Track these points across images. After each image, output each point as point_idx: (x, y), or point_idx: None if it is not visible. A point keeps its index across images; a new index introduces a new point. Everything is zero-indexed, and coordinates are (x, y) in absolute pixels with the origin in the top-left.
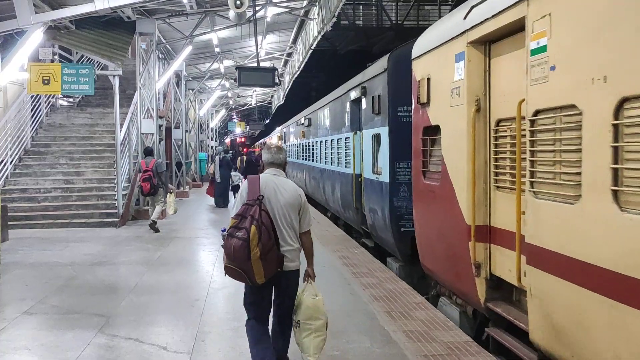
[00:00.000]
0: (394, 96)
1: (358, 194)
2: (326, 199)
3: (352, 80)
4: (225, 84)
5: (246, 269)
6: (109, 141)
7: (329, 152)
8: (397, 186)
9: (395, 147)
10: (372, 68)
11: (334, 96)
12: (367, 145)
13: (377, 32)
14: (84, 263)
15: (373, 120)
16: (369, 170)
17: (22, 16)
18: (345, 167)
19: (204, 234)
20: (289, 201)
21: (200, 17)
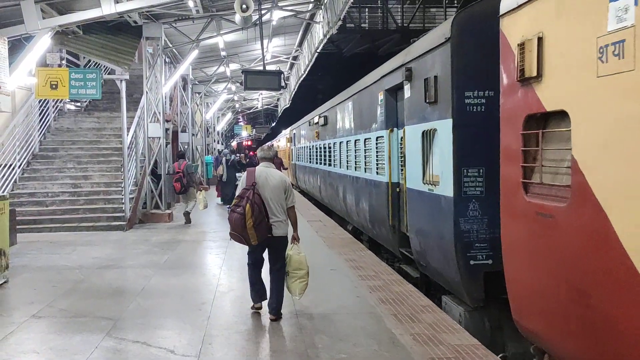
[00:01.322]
0: (462, 77)
1: (396, 208)
2: (347, 210)
3: (387, 63)
4: (231, 87)
5: (244, 234)
6: (116, 145)
7: (352, 155)
8: (465, 202)
9: (463, 147)
10: (422, 41)
11: (360, 87)
12: (412, 145)
13: (383, 34)
14: (92, 266)
15: (424, 111)
16: (416, 179)
17: (29, 21)
18: (376, 174)
19: (210, 237)
20: (277, 185)
21: (207, 21)
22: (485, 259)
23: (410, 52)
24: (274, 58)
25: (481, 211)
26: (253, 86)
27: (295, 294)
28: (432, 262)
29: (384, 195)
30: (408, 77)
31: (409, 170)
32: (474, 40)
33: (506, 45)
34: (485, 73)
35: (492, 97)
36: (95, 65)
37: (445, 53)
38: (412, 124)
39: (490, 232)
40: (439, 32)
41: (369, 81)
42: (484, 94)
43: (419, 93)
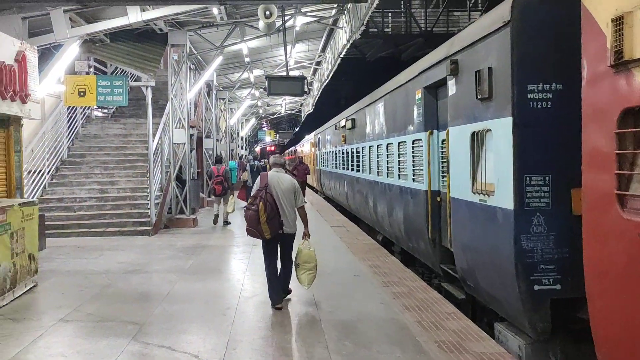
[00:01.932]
0: (524, 67)
1: (436, 219)
2: (378, 220)
3: (427, 58)
4: (255, 93)
5: (258, 229)
6: (142, 151)
7: (384, 161)
8: (527, 216)
9: (525, 150)
10: (472, 28)
11: (393, 85)
12: (458, 149)
13: (406, 39)
14: (118, 271)
15: (474, 110)
16: (464, 188)
17: (58, 30)
18: (412, 181)
19: (234, 242)
20: (287, 187)
21: (231, 28)
22: (552, 283)
23: (456, 42)
24: (297, 64)
25: (547, 226)
26: (276, 92)
27: (304, 284)
28: (484, 283)
29: (422, 205)
30: (454, 71)
31: (454, 178)
32: (539, 23)
33: (591, 24)
34: (552, 62)
35: (560, 91)
36: (121, 73)
37: (503, 40)
38: (459, 124)
39: (558, 251)
40: (494, 15)
41: (404, 79)
42: (551, 87)
43: (468, 88)
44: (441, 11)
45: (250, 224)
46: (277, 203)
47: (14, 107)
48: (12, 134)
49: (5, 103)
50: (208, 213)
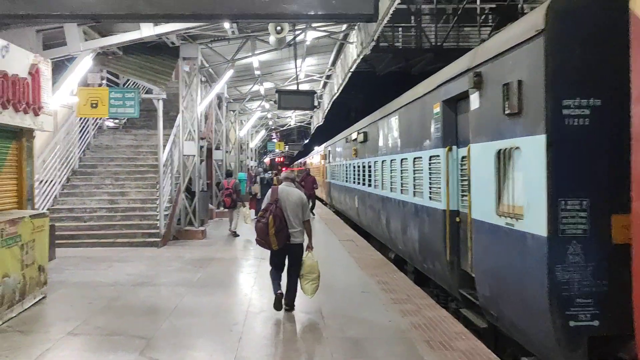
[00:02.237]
0: (559, 80)
1: (455, 241)
2: (391, 237)
3: (446, 69)
4: (265, 105)
5: (267, 240)
6: (152, 162)
7: (397, 176)
8: (563, 244)
9: (560, 171)
10: (500, 37)
11: (408, 98)
12: (481, 167)
13: (416, 53)
14: (127, 283)
15: (500, 126)
16: (487, 209)
17: (72, 43)
18: (428, 199)
19: (243, 255)
20: (296, 202)
21: (242, 42)
22: (590, 319)
23: (479, 52)
24: (308, 77)
25: (584, 256)
26: (287, 106)
27: (307, 293)
28: (509, 314)
29: (440, 225)
30: (477, 84)
31: (476, 198)
32: (577, 32)
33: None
34: (590, 76)
35: (599, 107)
36: (133, 85)
37: (535, 50)
38: (482, 141)
39: (597, 284)
40: (525, 24)
41: (421, 92)
42: (589, 102)
43: (494, 103)
44: (451, 26)
45: (260, 235)
46: (285, 216)
47: (26, 120)
48: (24, 145)
49: (18, 115)
50: (217, 225)
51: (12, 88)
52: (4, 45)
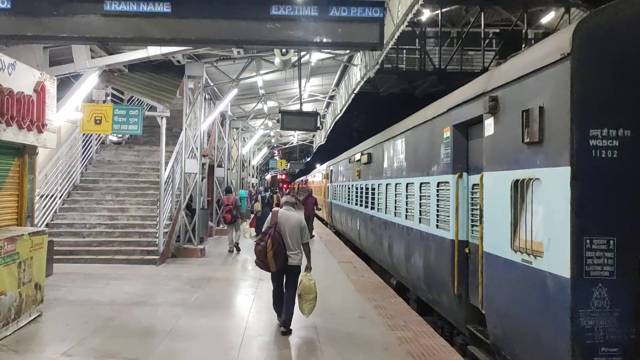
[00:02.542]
0: (585, 108)
1: (463, 273)
2: (393, 263)
3: (458, 92)
4: (268, 124)
5: (265, 262)
6: (153, 179)
7: (402, 201)
8: (587, 287)
9: (586, 207)
10: (519, 60)
11: (416, 121)
12: (495, 197)
13: (420, 76)
14: (123, 302)
15: (518, 154)
16: (501, 243)
17: (79, 61)
18: (435, 227)
19: (241, 275)
20: (294, 225)
21: (247, 62)
22: None
23: (495, 76)
24: (311, 97)
25: (611, 301)
26: (289, 126)
27: (304, 313)
28: (525, 358)
29: (448, 255)
30: (492, 109)
31: (489, 230)
32: (606, 56)
33: None
34: (620, 104)
35: (629, 139)
36: (138, 101)
37: (560, 75)
38: (497, 169)
39: (624, 331)
40: (548, 46)
41: (430, 114)
42: (618, 133)
43: (511, 130)
44: (455, 50)
45: (259, 258)
46: (284, 239)
47: (30, 137)
48: (26, 162)
49: (22, 132)
50: (216, 242)
51: (16, 105)
52: (11, 63)
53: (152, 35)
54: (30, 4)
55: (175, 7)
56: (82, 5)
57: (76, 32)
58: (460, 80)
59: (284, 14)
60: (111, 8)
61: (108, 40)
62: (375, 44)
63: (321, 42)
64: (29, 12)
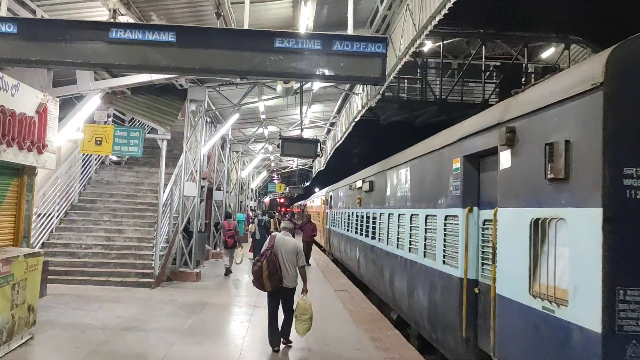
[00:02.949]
0: (620, 144)
1: (472, 315)
2: (394, 297)
3: (470, 121)
4: (268, 148)
5: (261, 282)
6: (151, 200)
7: (406, 233)
8: (620, 344)
9: (620, 254)
10: (541, 89)
11: (423, 150)
12: (511, 235)
13: (421, 105)
14: (116, 327)
15: (539, 191)
16: (517, 286)
17: (82, 83)
18: (442, 263)
19: (236, 301)
20: (291, 249)
21: (249, 88)
22: None
23: (513, 105)
24: (312, 123)
25: None
26: (290, 153)
27: (299, 333)
28: None
29: (455, 294)
30: (509, 141)
31: (503, 270)
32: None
33: None
34: None
35: None
36: (139, 123)
37: (591, 106)
38: (513, 206)
39: None
40: (577, 75)
41: (438, 144)
42: None
43: (530, 164)
44: (456, 81)
45: (255, 278)
46: (280, 261)
47: (30, 158)
48: (25, 182)
49: (22, 153)
50: (212, 266)
51: (18, 126)
52: (15, 84)
53: (156, 63)
54: (36, 29)
55: (180, 37)
56: (87, 32)
57: (81, 58)
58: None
59: (287, 47)
60: (117, 36)
61: (113, 67)
62: (378, 79)
63: (323, 75)
64: (35, 37)
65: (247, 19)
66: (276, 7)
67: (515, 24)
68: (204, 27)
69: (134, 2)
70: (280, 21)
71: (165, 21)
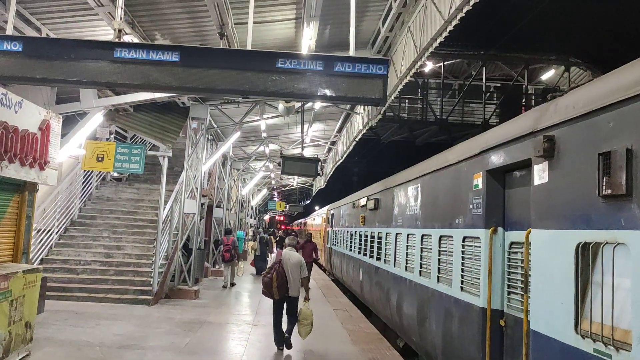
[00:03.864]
0: None
1: (497, 351)
2: (402, 324)
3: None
4: (269, 166)
5: (270, 291)
6: (151, 217)
7: (416, 255)
8: None
9: None
10: (590, 90)
11: (437, 165)
12: (549, 261)
13: (421, 125)
14: (113, 345)
15: (589, 210)
16: (557, 321)
17: (85, 100)
18: (459, 290)
19: (234, 319)
20: (295, 264)
21: (251, 106)
22: None
23: (550, 111)
24: (313, 142)
25: None
26: (290, 171)
27: (301, 336)
28: None
29: (476, 326)
30: (547, 152)
31: (539, 302)
32: None
33: None
34: None
35: None
36: (141, 140)
37: None
38: (553, 227)
39: None
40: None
41: (454, 158)
42: None
43: (576, 178)
44: (457, 101)
45: (265, 287)
46: (286, 274)
47: (31, 174)
48: (25, 198)
49: (24, 170)
50: (211, 283)
51: (20, 143)
52: (18, 102)
53: (160, 82)
54: (41, 48)
55: (183, 57)
56: (92, 52)
57: (85, 77)
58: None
59: (290, 68)
60: (121, 55)
61: (116, 86)
62: (379, 100)
63: (325, 96)
64: (40, 55)
65: (250, 39)
66: (279, 28)
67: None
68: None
69: (139, 22)
70: (283, 41)
71: (170, 41)
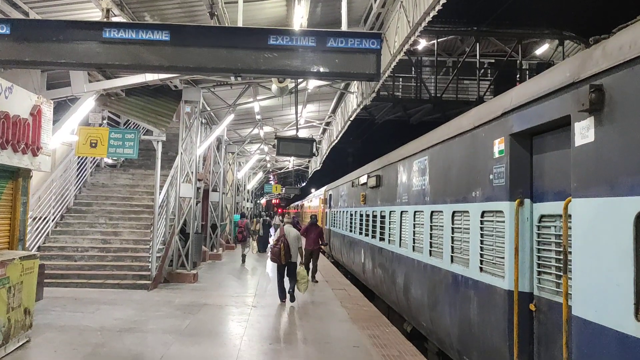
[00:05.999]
0: None
1: (527, 339)
2: (410, 307)
3: (519, 89)
4: (264, 148)
5: (279, 258)
6: (147, 202)
7: (426, 233)
8: None
9: None
10: None
11: (448, 133)
12: (596, 235)
13: (416, 103)
14: (113, 329)
15: None
16: (611, 306)
17: (76, 85)
18: (479, 271)
19: (233, 301)
20: (294, 237)
21: (244, 88)
22: None
23: (596, 56)
24: (307, 123)
25: None
26: (285, 152)
27: (301, 291)
28: None
29: (500, 310)
30: (594, 104)
31: (583, 284)
32: None
33: None
34: None
35: None
36: (134, 125)
37: None
38: (601, 194)
39: None
40: None
41: (469, 124)
42: None
43: (632, 135)
44: (451, 79)
45: (275, 255)
46: (289, 244)
47: (24, 160)
48: (20, 185)
49: (17, 156)
50: (209, 267)
51: (12, 129)
52: (8, 87)
53: (150, 62)
54: (29, 30)
55: (174, 36)
56: (81, 33)
57: (74, 59)
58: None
59: (282, 44)
60: (110, 36)
61: (106, 67)
62: (373, 75)
63: (318, 72)
64: (28, 38)
65: (240, 17)
66: (270, 6)
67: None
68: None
69: (127, 2)
70: (274, 20)
71: (159, 21)
